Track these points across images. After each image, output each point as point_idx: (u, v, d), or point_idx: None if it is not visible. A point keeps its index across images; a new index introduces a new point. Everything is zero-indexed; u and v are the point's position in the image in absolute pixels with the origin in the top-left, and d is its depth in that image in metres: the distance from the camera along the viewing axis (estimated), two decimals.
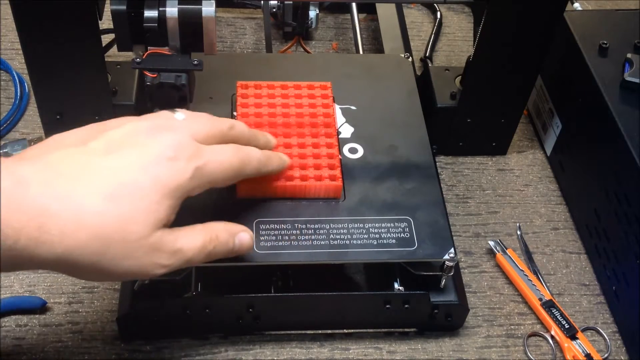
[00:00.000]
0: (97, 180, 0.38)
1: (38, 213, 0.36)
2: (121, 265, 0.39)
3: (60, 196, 0.37)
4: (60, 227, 0.36)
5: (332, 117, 0.56)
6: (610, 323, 0.57)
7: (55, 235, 0.36)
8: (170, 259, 0.41)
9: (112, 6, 0.50)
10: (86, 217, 0.37)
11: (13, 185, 0.35)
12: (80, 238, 0.37)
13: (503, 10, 0.56)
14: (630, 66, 0.59)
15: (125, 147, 0.40)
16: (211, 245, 0.43)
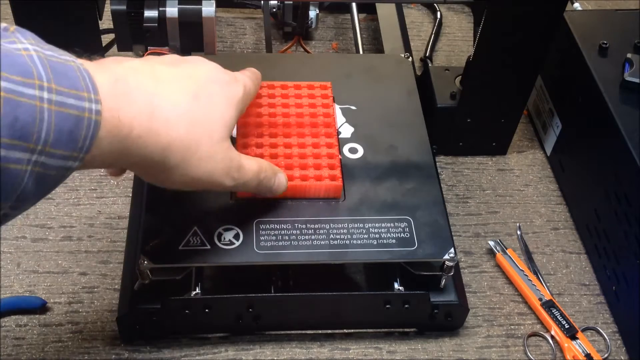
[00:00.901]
0: (179, 82, 0.40)
1: (146, 103, 0.37)
2: (205, 167, 0.41)
3: (155, 92, 0.38)
4: (165, 117, 0.38)
5: (332, 117, 0.56)
6: (610, 323, 0.57)
7: (162, 125, 0.38)
8: (236, 172, 0.43)
9: (112, 6, 0.50)
10: (181, 112, 0.39)
11: (115, 80, 0.36)
12: (180, 130, 0.39)
13: (503, 10, 0.56)
14: (630, 66, 0.59)
15: (187, 62, 0.43)
16: (262, 174, 0.46)
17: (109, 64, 0.39)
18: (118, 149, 0.36)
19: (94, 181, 0.63)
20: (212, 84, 0.43)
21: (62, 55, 0.34)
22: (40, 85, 0.32)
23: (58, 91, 0.32)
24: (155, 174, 0.41)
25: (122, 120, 0.36)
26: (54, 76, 0.32)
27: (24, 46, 0.33)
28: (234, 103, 0.43)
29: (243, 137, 0.54)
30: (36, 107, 0.31)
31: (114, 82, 0.36)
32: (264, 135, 0.54)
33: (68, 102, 0.33)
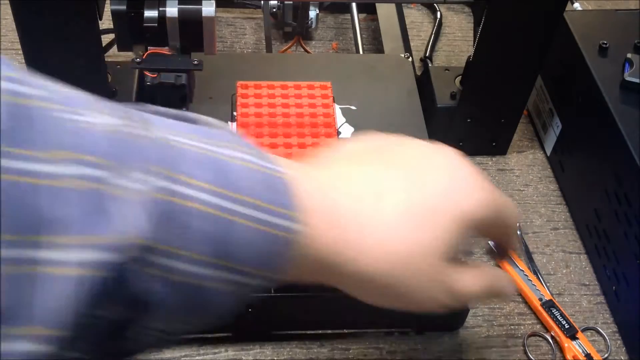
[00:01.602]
0: (401, 202, 0.35)
1: (354, 230, 0.34)
2: (412, 292, 0.36)
3: (369, 215, 0.34)
4: (372, 246, 0.34)
5: (332, 117, 0.56)
6: (610, 323, 0.57)
7: (368, 255, 0.34)
8: (449, 298, 0.38)
9: (112, 6, 0.50)
10: (392, 239, 0.34)
11: (320, 196, 0.33)
12: (387, 261, 0.34)
13: (503, 10, 0.56)
14: (630, 66, 0.59)
15: (422, 165, 0.37)
16: (484, 294, 0.40)
17: (317, 170, 0.35)
18: (314, 269, 0.34)
19: None
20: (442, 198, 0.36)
21: (268, 163, 0.32)
22: (243, 201, 0.30)
23: (259, 207, 0.30)
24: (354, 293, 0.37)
25: (322, 244, 0.33)
26: (254, 190, 0.30)
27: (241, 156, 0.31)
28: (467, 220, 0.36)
29: None
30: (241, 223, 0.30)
31: (320, 198, 0.33)
32: (264, 135, 0.55)
33: (266, 219, 0.30)
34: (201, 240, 0.29)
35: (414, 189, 0.36)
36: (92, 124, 0.27)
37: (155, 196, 0.27)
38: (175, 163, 0.29)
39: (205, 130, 0.32)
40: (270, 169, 0.32)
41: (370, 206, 0.34)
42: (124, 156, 0.27)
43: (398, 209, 0.35)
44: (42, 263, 0.24)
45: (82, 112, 0.27)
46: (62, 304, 0.24)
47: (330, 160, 0.37)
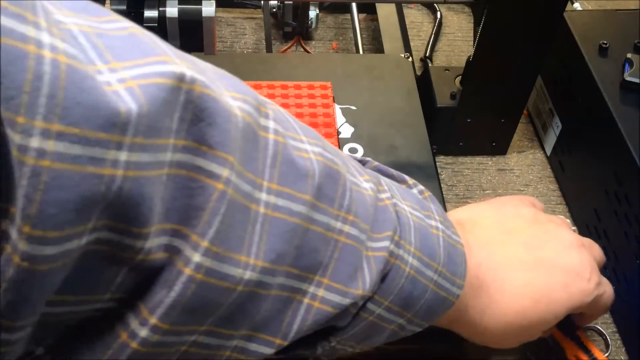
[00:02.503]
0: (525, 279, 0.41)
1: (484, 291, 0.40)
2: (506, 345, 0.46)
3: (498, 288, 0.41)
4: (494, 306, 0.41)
5: (332, 117, 0.56)
6: (610, 323, 0.57)
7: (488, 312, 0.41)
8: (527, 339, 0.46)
9: (112, 6, 0.50)
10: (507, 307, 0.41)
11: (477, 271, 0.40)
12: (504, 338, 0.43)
13: (503, 10, 0.56)
14: (630, 66, 0.59)
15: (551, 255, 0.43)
16: None
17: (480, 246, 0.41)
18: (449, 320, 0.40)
19: None
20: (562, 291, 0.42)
21: (453, 235, 0.38)
22: (436, 270, 0.36)
23: (443, 274, 0.36)
24: None
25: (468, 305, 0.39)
26: (447, 261, 0.36)
27: (436, 225, 0.37)
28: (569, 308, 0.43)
29: None
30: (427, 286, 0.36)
31: (476, 273, 0.39)
32: None
33: (444, 285, 0.37)
34: (400, 295, 0.35)
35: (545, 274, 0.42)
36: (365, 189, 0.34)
37: (388, 258, 0.33)
38: (403, 231, 0.35)
39: (415, 196, 0.39)
40: (454, 240, 0.38)
41: (504, 283, 0.41)
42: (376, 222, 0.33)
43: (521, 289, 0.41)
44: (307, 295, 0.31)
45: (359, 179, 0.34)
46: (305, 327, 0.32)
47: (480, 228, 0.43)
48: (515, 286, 0.41)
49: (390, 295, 0.34)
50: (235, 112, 0.27)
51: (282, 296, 0.31)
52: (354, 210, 0.32)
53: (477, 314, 0.41)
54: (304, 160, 0.30)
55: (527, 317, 0.42)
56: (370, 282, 0.33)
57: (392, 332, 0.37)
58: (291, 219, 0.29)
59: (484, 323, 0.41)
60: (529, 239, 0.43)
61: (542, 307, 0.41)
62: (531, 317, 0.42)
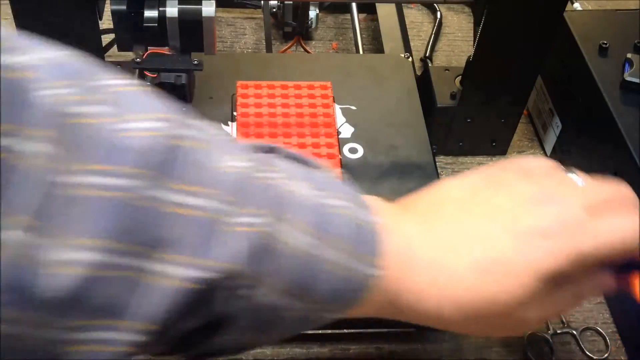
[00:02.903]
0: (472, 252, 0.36)
1: (423, 271, 0.35)
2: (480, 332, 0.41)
3: (437, 261, 0.36)
4: (440, 290, 0.35)
5: (332, 117, 0.56)
6: (610, 323, 0.57)
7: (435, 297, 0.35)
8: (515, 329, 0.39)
9: (112, 6, 0.50)
10: (459, 289, 0.35)
11: (405, 248, 0.35)
12: (459, 315, 0.36)
13: (503, 10, 0.56)
14: (630, 66, 0.59)
15: (504, 215, 0.36)
16: None
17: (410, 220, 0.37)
18: (385, 307, 0.36)
19: None
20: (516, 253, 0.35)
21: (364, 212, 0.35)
22: (334, 246, 0.33)
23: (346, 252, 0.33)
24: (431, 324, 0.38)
25: (400, 287, 0.35)
26: (351, 239, 0.34)
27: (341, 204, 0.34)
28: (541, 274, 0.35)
29: (243, 137, 0.54)
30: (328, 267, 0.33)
31: (402, 247, 0.35)
32: (264, 135, 0.55)
33: (350, 265, 0.33)
34: (289, 277, 0.32)
35: (493, 244, 0.36)
36: (230, 166, 0.31)
37: (260, 231, 0.31)
38: (286, 206, 0.32)
39: (322, 179, 0.36)
40: (365, 221, 0.35)
41: (446, 259, 0.36)
42: (245, 196, 0.31)
43: (473, 264, 0.35)
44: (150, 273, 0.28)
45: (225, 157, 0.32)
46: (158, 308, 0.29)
47: (421, 205, 0.39)
48: (464, 267, 0.35)
49: (274, 276, 0.32)
50: None
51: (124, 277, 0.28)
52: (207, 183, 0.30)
53: (416, 297, 0.35)
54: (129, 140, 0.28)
55: (481, 296, 0.35)
56: (232, 255, 0.30)
57: (297, 320, 0.34)
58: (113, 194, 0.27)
59: (432, 307, 0.36)
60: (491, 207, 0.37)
61: (504, 283, 0.35)
62: (485, 295, 0.35)
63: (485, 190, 0.38)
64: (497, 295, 0.35)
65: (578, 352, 0.55)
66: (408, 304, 0.36)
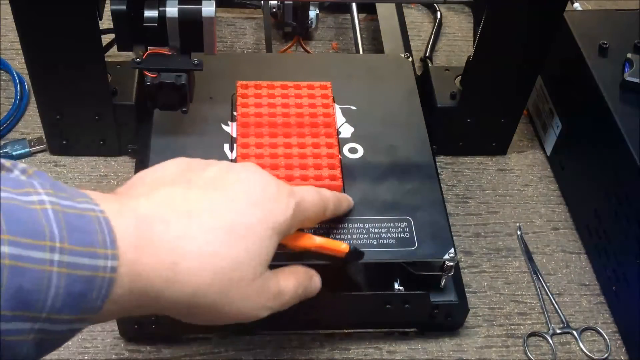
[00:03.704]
0: (212, 218, 0.37)
1: (168, 252, 0.34)
2: (236, 306, 0.38)
3: (181, 234, 0.35)
4: (188, 266, 0.35)
5: (332, 117, 0.56)
6: (610, 323, 0.57)
7: (185, 275, 0.35)
8: (273, 301, 0.40)
9: (112, 6, 0.50)
10: (208, 256, 0.36)
11: (138, 224, 0.34)
12: (205, 277, 0.35)
13: (503, 10, 0.56)
14: (630, 66, 0.59)
15: (230, 183, 0.39)
16: (300, 288, 0.43)
17: (134, 200, 0.35)
18: (136, 301, 0.34)
19: (94, 181, 0.63)
20: (253, 208, 0.38)
21: (80, 203, 0.31)
22: (52, 247, 0.29)
23: (71, 251, 0.30)
24: (185, 316, 0.38)
25: (141, 273, 0.33)
26: (68, 233, 0.30)
27: (39, 198, 0.30)
28: (275, 230, 0.39)
29: (243, 137, 0.54)
30: (45, 272, 0.28)
31: (136, 229, 0.33)
32: (264, 135, 0.55)
33: (81, 263, 0.30)
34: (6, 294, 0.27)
35: (219, 207, 0.37)
36: None
37: None
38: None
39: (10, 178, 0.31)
40: (78, 209, 0.31)
41: (180, 230, 0.35)
42: None
43: (206, 228, 0.36)
44: None
45: None
46: None
47: (139, 186, 0.38)
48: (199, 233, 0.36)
49: None
50: None
51: None
52: None
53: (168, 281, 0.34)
54: None
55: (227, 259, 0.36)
56: None
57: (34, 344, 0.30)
58: None
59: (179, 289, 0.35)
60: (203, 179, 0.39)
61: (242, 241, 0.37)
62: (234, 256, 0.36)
63: (193, 171, 0.40)
64: (247, 255, 0.37)
65: (578, 352, 0.55)
66: (154, 286, 0.34)
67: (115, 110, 0.60)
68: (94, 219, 0.31)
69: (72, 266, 0.30)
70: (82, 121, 0.60)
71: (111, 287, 0.31)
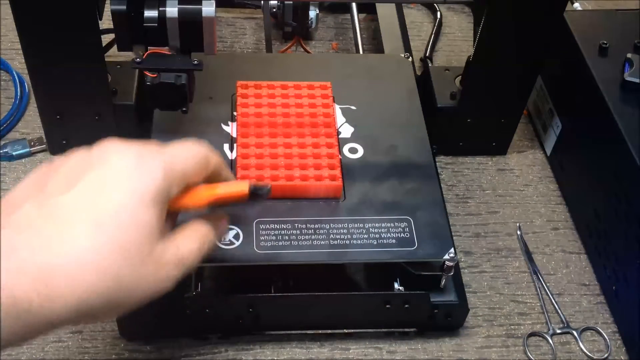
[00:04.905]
0: (77, 219, 0.35)
1: (39, 273, 0.33)
2: (136, 293, 0.37)
3: (50, 249, 0.34)
4: (65, 277, 0.34)
5: (332, 117, 0.56)
6: (610, 323, 0.57)
7: (64, 287, 0.34)
8: (176, 269, 0.39)
9: (112, 6, 0.50)
10: (85, 258, 0.34)
11: (6, 255, 0.33)
12: (89, 281, 0.34)
13: (503, 10, 0.56)
14: (630, 66, 0.59)
15: (86, 174, 0.37)
16: (205, 246, 0.42)
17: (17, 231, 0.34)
18: (24, 326, 0.33)
19: None
20: (115, 191, 0.36)
21: None
22: None
23: None
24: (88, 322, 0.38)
25: (17, 297, 0.32)
26: None
27: None
28: (149, 199, 0.37)
29: (243, 137, 0.54)
30: None
31: (6, 261, 0.32)
32: (264, 135, 0.55)
33: None
34: None
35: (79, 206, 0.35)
36: None
37: None
38: None
39: None
40: None
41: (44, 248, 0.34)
42: None
43: (71, 234, 0.34)
44: None
45: None
46: None
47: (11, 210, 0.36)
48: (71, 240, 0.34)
49: None
50: None
51: None
52: None
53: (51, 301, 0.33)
54: None
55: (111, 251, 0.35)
56: None
57: None
58: None
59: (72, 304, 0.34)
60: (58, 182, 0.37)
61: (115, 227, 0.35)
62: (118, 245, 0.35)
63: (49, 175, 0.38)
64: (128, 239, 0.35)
65: (578, 352, 0.55)
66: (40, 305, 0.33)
67: (115, 110, 0.60)
68: None
69: None
70: (82, 121, 0.60)
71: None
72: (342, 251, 0.49)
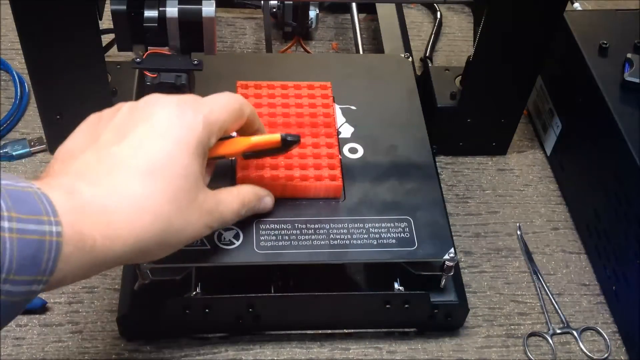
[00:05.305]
0: (131, 167, 0.39)
1: (101, 213, 0.37)
2: (183, 235, 0.41)
3: (109, 192, 0.38)
4: (124, 219, 0.37)
5: (332, 117, 0.56)
6: (610, 323, 0.57)
7: (124, 228, 0.37)
8: (215, 221, 0.43)
9: (112, 6, 0.50)
10: (140, 203, 0.38)
11: (68, 195, 0.36)
12: (144, 223, 0.38)
13: (503, 10, 0.56)
14: (630, 66, 0.59)
15: (135, 126, 0.41)
16: (244, 209, 0.46)
17: (56, 178, 0.38)
18: (89, 261, 0.36)
19: None
20: (163, 141, 0.40)
21: (19, 183, 0.35)
22: (1, 215, 0.32)
23: (19, 219, 0.33)
24: (139, 261, 0.42)
25: (84, 233, 0.35)
26: (14, 205, 0.33)
27: None
28: (193, 148, 0.41)
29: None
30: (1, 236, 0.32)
31: (68, 198, 0.36)
32: None
33: (29, 229, 0.33)
34: None
35: (132, 153, 0.39)
36: None
37: None
38: None
39: None
40: (29, 187, 0.34)
41: (104, 189, 0.38)
42: None
43: (126, 178, 0.38)
44: None
45: None
46: None
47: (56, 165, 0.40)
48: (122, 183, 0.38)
49: None
50: None
51: None
52: None
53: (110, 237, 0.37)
54: None
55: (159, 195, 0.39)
56: None
57: None
58: None
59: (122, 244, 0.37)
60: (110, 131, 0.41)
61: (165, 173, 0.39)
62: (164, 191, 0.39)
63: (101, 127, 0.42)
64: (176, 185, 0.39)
65: (578, 352, 0.55)
66: (102, 243, 0.36)
67: None
68: (34, 193, 0.34)
69: (21, 232, 0.33)
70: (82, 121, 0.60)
71: (60, 249, 0.34)
72: (342, 251, 0.49)
